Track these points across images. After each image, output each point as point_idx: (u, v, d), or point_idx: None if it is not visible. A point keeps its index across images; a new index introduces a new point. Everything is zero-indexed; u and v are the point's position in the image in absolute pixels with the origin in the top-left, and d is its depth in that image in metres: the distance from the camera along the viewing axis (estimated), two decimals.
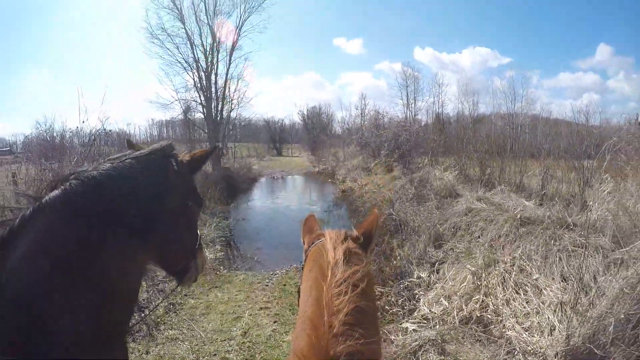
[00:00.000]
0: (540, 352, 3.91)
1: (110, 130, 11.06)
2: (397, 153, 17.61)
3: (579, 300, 4.25)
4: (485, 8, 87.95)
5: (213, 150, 2.51)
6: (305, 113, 57.09)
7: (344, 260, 1.30)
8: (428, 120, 40.43)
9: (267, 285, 7.08)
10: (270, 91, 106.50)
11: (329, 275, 1.24)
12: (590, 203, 7.51)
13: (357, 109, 48.75)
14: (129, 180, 1.75)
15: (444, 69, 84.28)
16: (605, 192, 7.07)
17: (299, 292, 1.61)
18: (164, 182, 1.91)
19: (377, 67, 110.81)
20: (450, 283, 5.56)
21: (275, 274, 7.57)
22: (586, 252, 5.19)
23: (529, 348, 4.03)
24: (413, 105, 47.71)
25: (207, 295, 6.58)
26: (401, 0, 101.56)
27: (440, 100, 46.85)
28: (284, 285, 7.00)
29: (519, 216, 7.00)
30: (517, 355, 4.05)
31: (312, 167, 32.79)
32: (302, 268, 1.63)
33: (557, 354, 3.78)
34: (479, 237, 6.92)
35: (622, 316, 3.60)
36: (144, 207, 1.79)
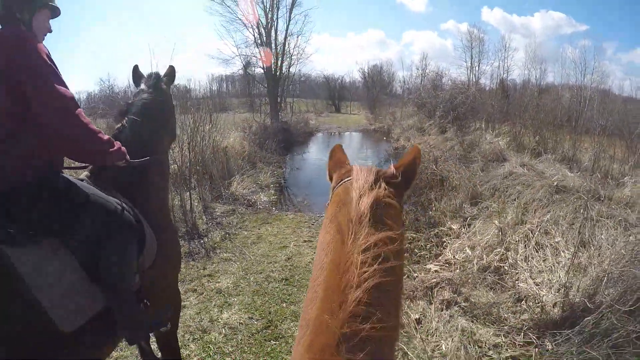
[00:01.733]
0: (541, 300, 4.40)
1: (177, 85, 11.91)
2: (451, 115, 17.67)
3: (582, 260, 4.74)
4: None
5: (173, 71, 3.30)
6: (366, 71, 55.78)
7: (370, 218, 1.10)
8: (492, 85, 39.28)
9: (312, 224, 7.76)
10: (332, 48, 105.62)
11: (351, 236, 1.07)
12: (626, 180, 7.80)
13: (418, 69, 48.01)
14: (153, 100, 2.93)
15: (513, 32, 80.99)
16: None
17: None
18: (166, 97, 3.10)
19: (443, 27, 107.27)
20: (478, 236, 6.05)
21: (321, 216, 8.00)
22: (609, 223, 5.62)
23: (534, 299, 4.47)
24: (477, 68, 46.20)
25: (259, 229, 7.40)
26: None
27: (506, 65, 44.70)
28: None
29: (555, 184, 7.37)
30: (522, 304, 4.50)
31: (369, 124, 32.74)
32: (326, 208, 1.40)
33: (555, 304, 4.27)
34: (515, 199, 7.33)
35: (617, 274, 4.07)
36: (162, 114, 3.02)
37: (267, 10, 25.87)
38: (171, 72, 3.20)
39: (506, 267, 5.18)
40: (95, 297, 2.07)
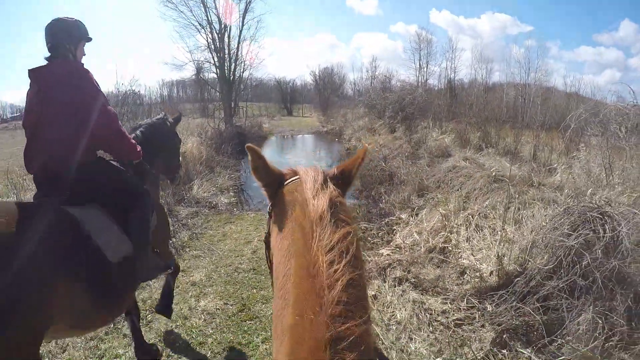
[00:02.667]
0: (479, 271, 5.04)
1: (138, 92, 12.09)
2: (400, 115, 18.36)
3: (510, 235, 5.45)
4: None
5: (180, 117, 4.57)
6: (317, 74, 56.87)
7: (330, 217, 1.11)
8: (440, 85, 40.40)
9: None
10: (283, 52, 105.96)
11: (315, 237, 1.05)
12: (556, 166, 8.64)
13: (368, 71, 49.02)
14: (158, 127, 4.11)
15: (461, 33, 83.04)
16: (576, 159, 8.18)
17: (266, 242, 1.54)
18: (168, 130, 4.24)
19: (392, 29, 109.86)
20: (425, 223, 6.66)
21: None
22: (539, 204, 6.34)
23: (474, 271, 5.11)
24: (426, 69, 47.35)
25: (223, 228, 7.83)
26: None
27: (453, 66, 45.87)
28: None
29: (494, 174, 8.09)
30: (465, 276, 5.13)
31: (321, 127, 33.39)
32: (270, 213, 1.47)
33: (491, 272, 4.92)
34: (458, 189, 7.99)
35: (540, 242, 4.74)
36: (162, 139, 4.11)
37: (221, 15, 26.17)
38: (178, 116, 4.54)
39: (450, 248, 5.76)
40: (126, 244, 2.96)
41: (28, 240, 2.23)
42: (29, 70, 2.88)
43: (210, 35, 26.12)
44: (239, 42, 26.91)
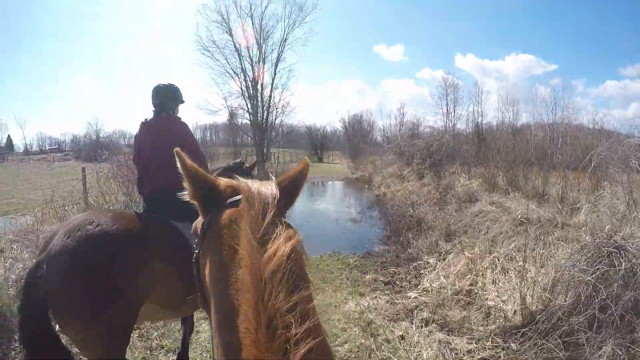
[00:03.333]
0: (504, 310, 5.21)
1: None
2: (428, 162, 18.49)
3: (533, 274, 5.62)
4: (528, 13, 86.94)
5: (255, 164, 5.40)
6: (347, 120, 57.13)
7: (288, 273, 0.96)
8: (467, 129, 40.42)
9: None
10: (312, 97, 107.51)
11: (271, 295, 0.92)
12: (580, 206, 8.77)
13: (395, 118, 49.34)
14: (235, 169, 4.60)
15: (486, 76, 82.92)
16: (600, 197, 8.29)
17: (195, 261, 1.34)
18: (242, 173, 4.33)
19: (418, 75, 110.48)
20: (451, 267, 6.82)
21: (312, 257, 8.49)
22: (563, 244, 6.49)
23: (499, 311, 5.27)
24: (453, 113, 47.42)
25: None
26: (441, 7, 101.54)
27: (480, 109, 45.96)
28: (318, 265, 8.29)
29: (519, 216, 8.27)
30: (490, 317, 5.29)
31: (351, 173, 33.59)
32: (202, 234, 1.25)
33: (515, 311, 5.09)
34: (484, 233, 8.18)
35: (561, 278, 4.92)
36: None
37: (254, 63, 27.27)
38: (254, 163, 5.49)
39: (476, 290, 5.92)
40: None
41: (152, 236, 3.08)
42: (142, 122, 3.96)
43: (244, 83, 27.18)
44: (271, 90, 27.90)
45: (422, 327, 5.29)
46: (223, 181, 1.28)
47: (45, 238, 2.97)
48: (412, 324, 5.41)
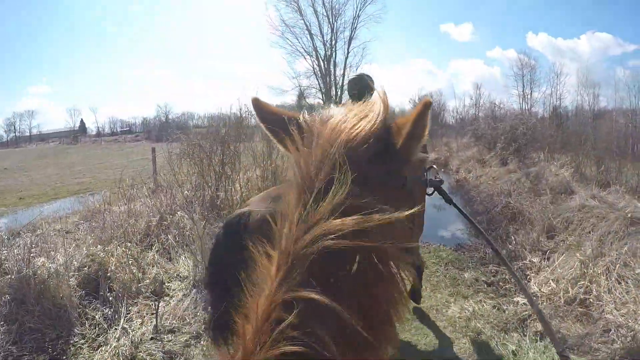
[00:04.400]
0: (631, 329, 4.65)
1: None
2: (512, 147, 17.58)
3: None
4: None
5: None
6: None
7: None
8: (544, 113, 38.56)
9: None
10: (380, 78, 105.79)
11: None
12: None
13: (471, 99, 47.67)
14: None
15: (560, 56, 78.52)
16: None
17: None
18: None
19: (489, 55, 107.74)
20: (559, 270, 6.31)
21: None
22: None
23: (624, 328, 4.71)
24: (529, 96, 45.57)
25: None
26: None
27: (557, 92, 44.18)
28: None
29: (629, 215, 7.55)
30: (611, 334, 4.74)
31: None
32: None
33: None
34: (589, 232, 7.54)
35: None
36: None
37: (326, 41, 26.82)
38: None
39: (591, 300, 5.40)
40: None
41: None
42: None
43: (315, 62, 26.76)
44: (344, 69, 27.34)
45: (536, 342, 4.80)
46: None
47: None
48: (524, 336, 4.94)
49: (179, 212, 7.39)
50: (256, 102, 1.31)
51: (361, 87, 4.10)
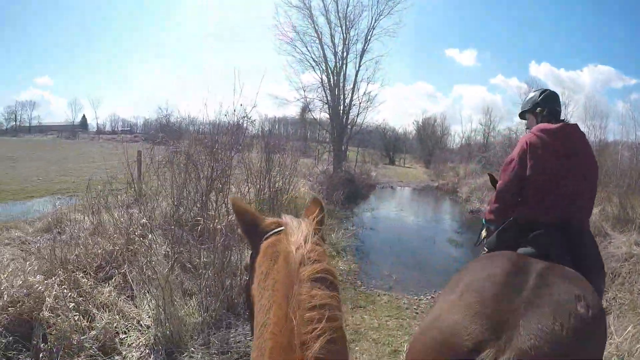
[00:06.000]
0: None
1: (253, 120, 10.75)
2: None
3: None
4: (609, 25, 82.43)
5: None
6: (420, 123, 55.66)
7: (314, 274, 1.09)
8: None
9: (416, 313, 6.35)
10: (382, 97, 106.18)
11: (294, 292, 1.05)
12: None
13: (480, 124, 46.86)
14: None
15: (560, 86, 79.27)
16: None
17: (246, 288, 1.47)
18: None
19: (492, 82, 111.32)
20: (617, 337, 5.13)
21: (421, 300, 6.89)
22: None
23: None
24: None
25: (353, 317, 6.06)
26: (516, 13, 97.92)
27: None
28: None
29: None
30: None
31: (431, 180, 31.34)
32: (252, 262, 1.39)
33: None
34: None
35: None
36: None
37: (337, 52, 25.49)
38: None
39: None
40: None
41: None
42: (541, 128, 3.08)
43: (325, 73, 25.43)
44: (354, 83, 25.98)
45: None
46: (270, 219, 1.41)
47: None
48: None
49: (150, 235, 5.89)
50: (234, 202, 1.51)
51: (551, 108, 3.36)
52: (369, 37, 25.79)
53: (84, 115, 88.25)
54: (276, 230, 1.33)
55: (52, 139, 69.55)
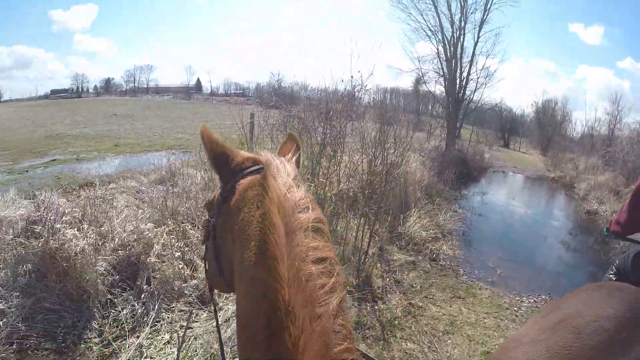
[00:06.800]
0: None
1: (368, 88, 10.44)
2: None
3: None
4: None
5: None
6: (540, 105, 51.20)
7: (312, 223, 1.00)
8: None
9: (516, 316, 5.97)
10: (502, 74, 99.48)
11: (297, 242, 0.94)
12: None
13: (607, 114, 42.44)
14: None
15: None
16: None
17: (205, 228, 1.35)
18: None
19: (619, 65, 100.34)
20: None
21: (523, 302, 6.44)
22: None
23: None
24: None
25: (450, 306, 5.91)
26: None
27: None
28: None
29: None
30: None
31: (547, 170, 29.00)
32: (219, 204, 1.25)
33: None
34: None
35: None
36: None
37: (455, 21, 24.14)
38: None
39: None
40: None
41: None
42: None
43: (441, 43, 24.24)
44: (472, 56, 24.59)
45: None
46: (245, 154, 1.30)
47: None
48: None
49: None
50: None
51: None
52: (489, 6, 24.05)
53: (198, 79, 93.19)
54: (255, 168, 1.21)
55: (169, 99, 74.05)
